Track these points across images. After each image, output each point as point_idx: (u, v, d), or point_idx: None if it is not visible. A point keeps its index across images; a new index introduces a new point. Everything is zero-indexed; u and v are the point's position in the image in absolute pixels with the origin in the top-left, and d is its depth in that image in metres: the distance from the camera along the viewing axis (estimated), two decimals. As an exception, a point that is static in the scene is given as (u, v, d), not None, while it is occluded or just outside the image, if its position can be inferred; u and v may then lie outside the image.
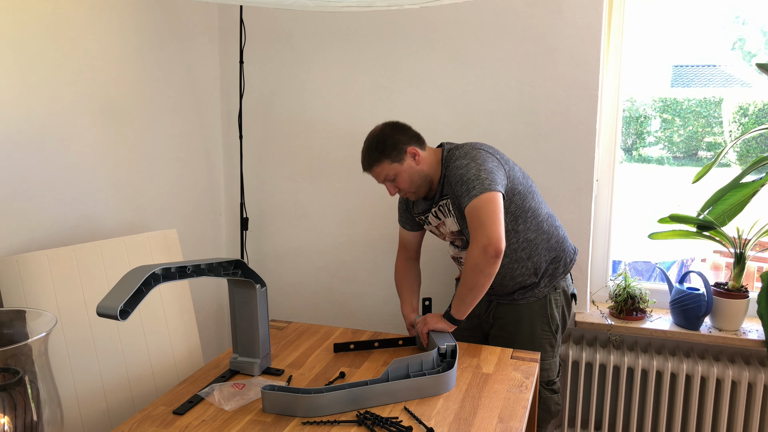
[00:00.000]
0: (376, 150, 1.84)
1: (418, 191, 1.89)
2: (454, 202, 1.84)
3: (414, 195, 1.91)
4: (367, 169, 1.88)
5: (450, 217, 1.89)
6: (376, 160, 1.84)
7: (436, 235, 2.01)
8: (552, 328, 1.95)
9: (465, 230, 1.87)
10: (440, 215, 1.92)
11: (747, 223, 2.18)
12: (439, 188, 1.88)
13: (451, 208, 1.87)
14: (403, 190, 1.88)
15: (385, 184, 1.89)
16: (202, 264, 1.44)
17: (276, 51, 2.60)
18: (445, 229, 1.95)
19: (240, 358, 1.66)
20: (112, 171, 2.09)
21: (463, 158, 1.81)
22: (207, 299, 2.69)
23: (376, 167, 1.85)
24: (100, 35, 2.01)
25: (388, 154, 1.83)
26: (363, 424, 1.38)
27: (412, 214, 2.03)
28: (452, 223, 1.90)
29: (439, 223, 1.95)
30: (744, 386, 2.16)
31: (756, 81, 6.94)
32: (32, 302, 1.63)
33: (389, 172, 1.84)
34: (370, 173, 1.88)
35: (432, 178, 1.88)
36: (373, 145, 1.85)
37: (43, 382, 1.19)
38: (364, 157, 1.88)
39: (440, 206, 1.90)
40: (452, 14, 2.33)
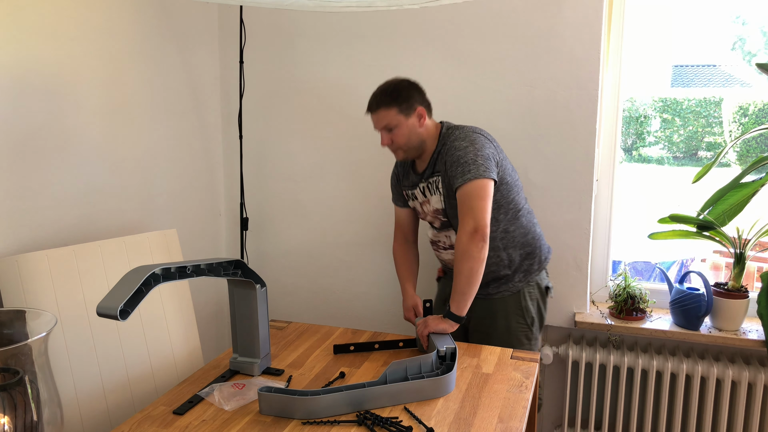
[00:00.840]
0: (389, 95, 1.85)
1: (408, 152, 1.90)
2: (444, 180, 1.86)
3: (403, 153, 1.90)
4: (372, 110, 1.87)
5: (436, 194, 1.90)
6: (385, 104, 1.84)
7: (418, 213, 2.04)
8: (527, 321, 1.97)
9: (448, 210, 1.89)
10: (427, 192, 1.93)
11: (747, 223, 2.18)
12: (431, 163, 1.90)
13: (440, 186, 1.88)
14: (396, 144, 1.87)
15: (381, 132, 1.88)
16: (202, 264, 1.44)
17: (276, 51, 2.60)
18: (429, 207, 1.96)
19: (240, 358, 1.66)
20: (112, 171, 2.09)
21: (462, 140, 1.84)
22: (207, 299, 2.69)
23: (382, 110, 1.84)
24: (100, 35, 2.01)
25: (399, 104, 1.84)
26: (363, 424, 1.38)
27: (403, 188, 2.05)
28: (437, 201, 1.91)
29: (424, 201, 1.96)
30: (744, 386, 2.16)
31: (756, 81, 6.94)
32: (32, 302, 1.63)
33: (392, 121, 1.84)
34: (373, 115, 1.87)
35: (426, 147, 1.91)
36: (388, 90, 1.86)
37: (43, 382, 1.19)
38: (374, 97, 1.87)
39: (429, 182, 1.91)
40: (452, 14, 2.33)
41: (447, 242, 1.99)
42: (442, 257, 2.06)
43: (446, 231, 1.96)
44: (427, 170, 1.92)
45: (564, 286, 2.37)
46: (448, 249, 2.00)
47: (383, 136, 1.88)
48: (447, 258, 2.03)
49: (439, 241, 2.01)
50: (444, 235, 1.98)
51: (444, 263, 2.09)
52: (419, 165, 1.97)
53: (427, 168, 1.92)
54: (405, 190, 2.04)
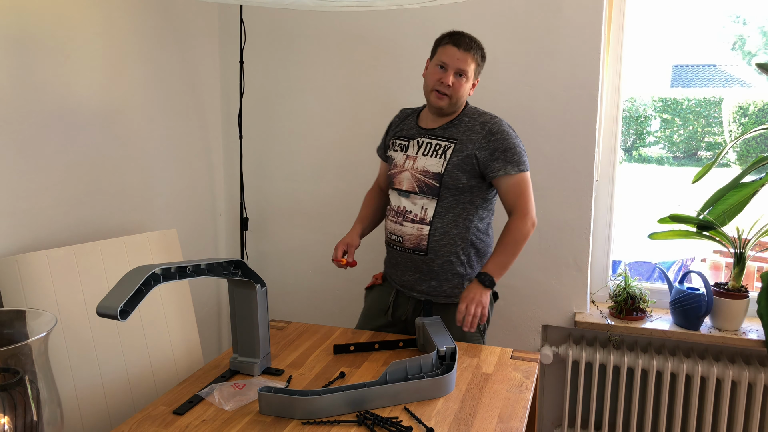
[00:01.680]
0: (480, 48, 1.84)
1: (452, 106, 1.84)
2: (465, 152, 1.82)
3: (449, 102, 1.83)
4: (463, 48, 1.79)
5: (439, 159, 1.84)
6: (475, 52, 1.81)
7: (389, 168, 1.96)
8: (480, 328, 1.94)
9: (447, 179, 1.82)
10: (425, 150, 1.87)
11: (747, 223, 2.18)
12: (446, 127, 1.87)
13: (449, 153, 1.83)
14: (453, 90, 1.81)
15: (450, 73, 1.79)
16: (202, 264, 1.44)
17: (276, 51, 2.60)
18: (413, 165, 1.87)
19: (240, 358, 1.66)
20: (112, 171, 2.09)
21: (510, 128, 1.86)
22: (207, 299, 2.69)
23: (471, 54, 1.80)
24: (100, 35, 2.01)
25: (480, 62, 1.85)
26: (363, 424, 1.38)
27: (390, 137, 2.01)
28: (435, 165, 1.84)
29: (411, 156, 1.89)
30: (744, 386, 2.16)
31: (756, 81, 6.95)
32: (32, 302, 1.63)
33: (467, 69, 1.81)
34: (459, 51, 1.79)
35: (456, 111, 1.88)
36: (480, 44, 1.84)
37: (43, 382, 1.19)
38: (468, 37, 1.82)
39: (435, 144, 1.86)
40: (452, 14, 2.33)
41: (420, 214, 1.86)
42: (402, 231, 1.90)
43: (425, 199, 1.85)
44: (438, 131, 1.87)
45: (564, 286, 2.37)
46: (416, 222, 1.87)
47: (447, 76, 1.79)
48: (408, 233, 1.88)
49: (409, 212, 1.88)
50: (420, 205, 1.86)
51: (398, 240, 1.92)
52: (428, 122, 1.92)
53: (439, 129, 1.87)
54: (394, 138, 1.97)
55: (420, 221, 1.87)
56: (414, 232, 1.88)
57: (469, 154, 1.82)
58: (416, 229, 1.87)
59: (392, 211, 1.94)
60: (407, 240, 1.89)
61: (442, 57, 1.81)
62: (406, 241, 1.90)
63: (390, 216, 1.96)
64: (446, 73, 1.80)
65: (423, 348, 1.79)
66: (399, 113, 2.07)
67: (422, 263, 1.89)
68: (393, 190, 1.94)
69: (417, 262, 1.89)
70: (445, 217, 1.85)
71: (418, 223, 1.87)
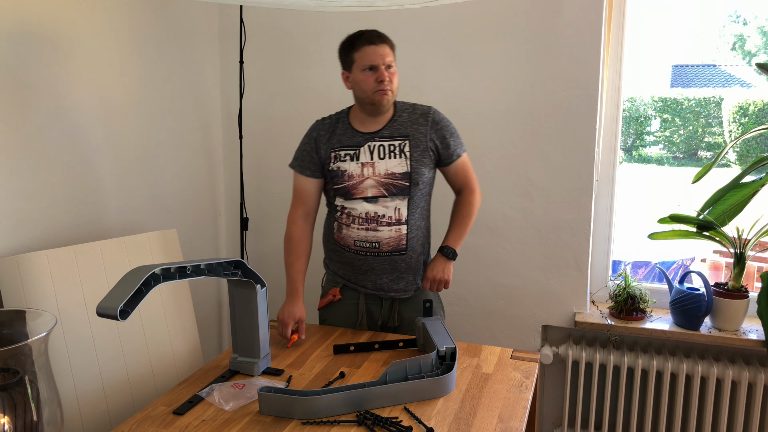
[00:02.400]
0: (388, 38, 1.82)
1: (393, 98, 1.83)
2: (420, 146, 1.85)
3: (391, 96, 1.82)
4: (380, 42, 1.78)
5: (398, 158, 1.84)
6: (389, 43, 1.81)
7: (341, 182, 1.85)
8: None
9: (414, 175, 1.83)
10: (381, 153, 1.84)
11: (747, 223, 2.18)
12: (389, 126, 1.87)
13: (406, 150, 1.85)
14: (392, 84, 1.80)
15: (382, 68, 1.78)
16: (201, 264, 1.44)
17: (276, 51, 2.60)
18: (374, 171, 1.83)
19: (240, 358, 1.66)
20: (112, 171, 2.09)
21: (443, 114, 1.93)
22: (207, 299, 2.69)
23: (388, 46, 1.80)
24: (100, 35, 2.01)
25: (394, 50, 1.83)
26: (363, 424, 1.38)
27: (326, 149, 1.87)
28: (398, 165, 1.83)
29: (367, 163, 1.84)
30: (744, 386, 2.16)
31: (756, 81, 6.94)
32: (32, 302, 1.63)
33: (393, 60, 1.81)
34: (380, 46, 1.78)
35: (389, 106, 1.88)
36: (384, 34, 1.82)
37: (43, 382, 1.19)
38: (374, 32, 1.80)
39: (389, 145, 1.84)
40: (452, 14, 2.33)
41: (395, 216, 1.84)
42: (378, 236, 1.84)
43: (396, 200, 1.83)
44: (384, 131, 1.85)
45: (564, 286, 2.37)
46: (393, 225, 1.84)
47: (382, 74, 1.77)
48: (386, 237, 1.84)
49: (383, 216, 1.84)
50: (392, 207, 1.83)
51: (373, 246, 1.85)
52: (367, 125, 1.86)
53: (384, 130, 1.86)
54: (334, 150, 1.86)
55: (396, 222, 1.85)
56: (392, 234, 1.85)
57: (425, 147, 1.86)
58: (394, 231, 1.85)
59: (357, 218, 1.85)
60: (385, 244, 1.86)
61: (366, 60, 1.78)
62: (384, 246, 1.85)
63: (355, 224, 1.86)
64: (380, 72, 1.78)
65: (423, 348, 1.79)
66: (318, 125, 1.94)
67: (401, 262, 1.90)
68: (355, 199, 1.85)
69: (395, 263, 1.89)
70: (416, 213, 1.89)
71: (395, 225, 1.85)
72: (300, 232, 1.93)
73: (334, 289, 1.98)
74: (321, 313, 2.06)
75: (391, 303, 1.96)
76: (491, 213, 2.42)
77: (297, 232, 1.93)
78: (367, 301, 1.96)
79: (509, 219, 2.40)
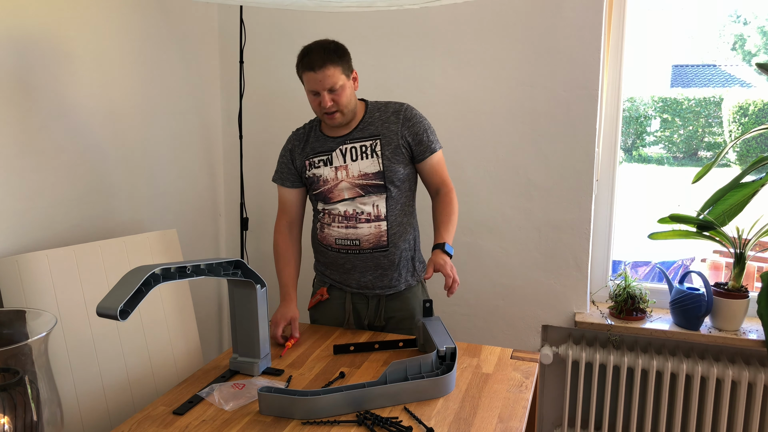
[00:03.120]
0: (334, 52, 1.75)
1: (346, 113, 1.81)
2: (392, 144, 1.84)
3: (342, 117, 1.81)
4: (317, 68, 1.72)
5: (370, 158, 1.84)
6: (332, 62, 1.73)
7: (317, 188, 1.89)
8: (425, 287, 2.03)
9: (388, 174, 1.83)
10: (353, 155, 1.85)
11: (747, 223, 2.18)
12: (361, 127, 1.86)
13: (378, 149, 1.84)
14: (340, 106, 1.78)
15: (323, 93, 1.75)
16: (201, 264, 1.44)
17: (276, 51, 2.60)
18: (347, 174, 1.85)
19: (240, 358, 1.66)
20: (112, 171, 2.09)
21: (417, 110, 1.91)
22: (207, 299, 2.69)
23: (330, 68, 1.73)
24: (100, 35, 2.01)
25: (344, 63, 1.77)
26: (363, 424, 1.38)
27: (301, 159, 1.92)
28: (370, 165, 1.83)
29: (341, 166, 1.85)
30: (744, 386, 2.16)
31: (756, 81, 6.94)
32: (32, 302, 1.63)
33: (337, 80, 1.74)
34: (316, 73, 1.73)
35: (356, 112, 1.86)
36: (331, 47, 1.76)
37: (43, 382, 1.19)
38: (316, 54, 1.73)
39: (360, 146, 1.84)
40: (452, 14, 2.33)
41: (374, 212, 1.85)
42: (358, 233, 1.86)
43: (373, 197, 1.84)
44: (355, 133, 1.85)
45: (564, 286, 2.38)
46: (372, 221, 1.86)
47: (325, 98, 1.75)
48: (366, 234, 1.86)
49: (362, 213, 1.85)
50: (371, 204, 1.85)
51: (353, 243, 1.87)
52: (337, 130, 1.87)
53: (355, 132, 1.85)
54: (308, 158, 1.89)
55: (376, 219, 1.86)
56: (372, 230, 1.86)
57: (397, 144, 1.85)
58: (374, 228, 1.86)
59: (337, 217, 1.88)
60: (366, 241, 1.87)
61: (308, 85, 1.78)
62: (364, 242, 1.87)
63: (335, 223, 1.89)
64: (321, 97, 1.77)
65: (423, 348, 1.79)
66: (293, 136, 1.98)
67: (383, 259, 1.89)
68: (333, 203, 1.89)
69: (378, 260, 1.89)
70: (396, 208, 1.88)
71: (374, 221, 1.86)
72: (285, 242, 2.00)
73: (321, 289, 2.02)
74: (311, 313, 2.08)
75: (377, 301, 1.96)
76: (491, 213, 2.42)
77: (283, 241, 2.00)
78: (353, 300, 1.97)
79: (509, 219, 2.40)
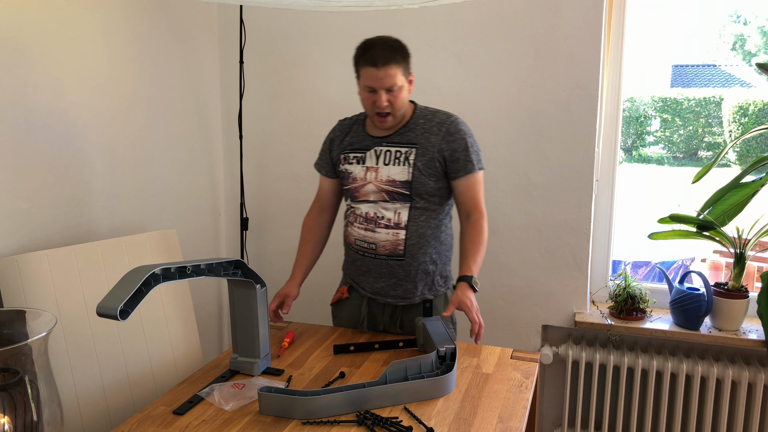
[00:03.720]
0: (398, 51, 1.70)
1: (397, 117, 1.77)
2: (428, 156, 1.77)
3: (393, 119, 1.76)
4: (381, 65, 1.67)
5: (402, 166, 1.78)
6: (396, 61, 1.68)
7: (346, 183, 1.87)
8: (454, 325, 1.95)
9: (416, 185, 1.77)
10: (385, 159, 1.80)
11: (747, 223, 2.18)
12: (402, 132, 1.81)
13: (412, 158, 1.77)
14: (395, 108, 1.74)
15: (380, 92, 1.70)
16: (202, 264, 1.44)
17: (276, 51, 2.60)
18: (376, 176, 1.81)
19: (240, 358, 1.66)
20: (112, 171, 2.09)
21: (464, 126, 1.82)
22: (207, 299, 2.69)
23: (392, 67, 1.68)
24: (100, 35, 2.01)
25: (406, 64, 1.73)
26: (363, 424, 1.38)
27: (338, 151, 1.89)
28: (400, 173, 1.78)
29: (372, 167, 1.81)
30: (744, 386, 2.16)
31: (756, 81, 6.94)
32: (32, 302, 1.63)
33: (397, 81, 1.69)
34: (381, 69, 1.67)
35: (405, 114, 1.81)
36: (396, 45, 1.71)
37: (43, 382, 1.19)
38: (381, 50, 1.68)
39: (395, 152, 1.80)
40: (452, 14, 2.33)
41: (394, 219, 1.80)
42: (376, 238, 1.82)
43: (397, 204, 1.80)
44: (394, 137, 1.80)
45: (564, 286, 2.38)
46: (391, 228, 1.80)
47: (381, 96, 1.70)
48: (383, 240, 1.81)
49: (382, 218, 1.81)
50: (394, 210, 1.80)
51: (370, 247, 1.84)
52: (378, 129, 1.83)
53: (394, 135, 1.80)
54: (344, 152, 1.87)
55: (395, 226, 1.80)
56: (389, 238, 1.81)
57: (432, 157, 1.78)
58: (392, 235, 1.81)
59: (359, 217, 1.85)
60: (382, 246, 1.82)
61: (366, 81, 1.73)
62: (380, 248, 1.82)
63: (357, 223, 1.86)
64: (377, 96, 1.71)
65: (423, 348, 1.79)
66: (338, 125, 1.95)
67: (398, 268, 1.83)
68: (358, 202, 1.86)
69: (393, 268, 1.84)
70: (419, 219, 1.81)
71: (393, 229, 1.81)
72: (311, 221, 2.00)
73: (342, 287, 2.00)
74: (332, 309, 2.07)
75: (393, 310, 1.92)
76: (491, 213, 2.41)
77: (308, 221, 2.01)
78: (369, 305, 1.94)
79: (509, 219, 2.40)
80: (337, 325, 2.03)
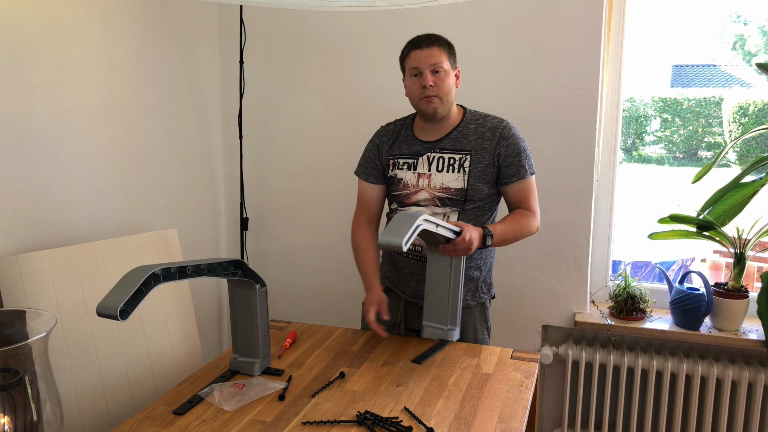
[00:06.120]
0: (442, 40, 1.76)
1: (443, 105, 1.76)
2: (483, 162, 1.76)
3: (439, 103, 1.75)
4: (424, 46, 1.73)
5: (457, 173, 1.77)
6: (440, 45, 1.74)
7: (396, 189, 1.86)
8: (489, 332, 1.96)
9: (471, 192, 1.77)
10: (438, 165, 1.80)
11: (747, 223, 2.18)
12: (453, 137, 1.80)
13: (467, 165, 1.77)
14: (439, 89, 1.73)
15: (426, 72, 1.73)
16: (202, 264, 1.44)
17: (276, 51, 2.60)
18: (429, 183, 1.80)
19: (240, 358, 1.66)
20: (112, 171, 2.09)
21: (516, 130, 1.82)
22: (207, 299, 2.69)
23: (436, 48, 1.73)
24: (101, 35, 2.01)
25: (451, 52, 1.78)
26: (363, 424, 1.38)
27: (387, 156, 1.88)
28: (454, 180, 1.78)
29: (425, 174, 1.81)
30: (744, 386, 2.16)
31: (756, 81, 6.93)
32: (32, 302, 1.63)
33: (442, 63, 1.73)
34: (423, 51, 1.73)
35: (450, 115, 1.81)
36: (440, 36, 1.77)
37: (43, 382, 1.19)
38: (425, 36, 1.75)
39: (449, 158, 1.79)
40: (452, 14, 2.33)
41: None
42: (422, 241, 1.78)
43: (447, 209, 1.79)
44: (446, 143, 1.80)
45: (564, 286, 2.38)
46: None
47: (427, 75, 1.72)
48: None
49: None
50: (443, 214, 1.80)
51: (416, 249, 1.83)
52: (428, 133, 1.83)
53: (445, 140, 1.80)
54: (393, 158, 1.86)
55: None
56: None
57: (487, 164, 1.78)
58: None
59: None
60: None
61: (412, 64, 1.76)
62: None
63: None
64: (424, 76, 1.74)
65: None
66: (381, 131, 1.94)
67: None
68: (407, 205, 1.85)
69: None
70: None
71: None
72: (363, 234, 1.94)
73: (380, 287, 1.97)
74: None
75: None
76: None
77: (360, 234, 1.95)
78: (406, 308, 1.94)
79: (509, 219, 2.40)
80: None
